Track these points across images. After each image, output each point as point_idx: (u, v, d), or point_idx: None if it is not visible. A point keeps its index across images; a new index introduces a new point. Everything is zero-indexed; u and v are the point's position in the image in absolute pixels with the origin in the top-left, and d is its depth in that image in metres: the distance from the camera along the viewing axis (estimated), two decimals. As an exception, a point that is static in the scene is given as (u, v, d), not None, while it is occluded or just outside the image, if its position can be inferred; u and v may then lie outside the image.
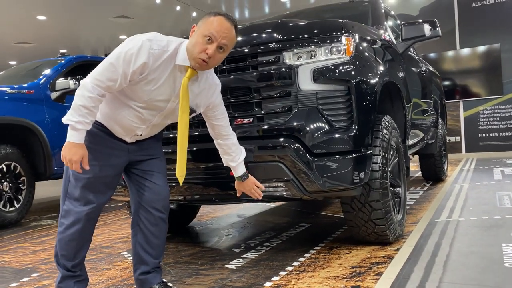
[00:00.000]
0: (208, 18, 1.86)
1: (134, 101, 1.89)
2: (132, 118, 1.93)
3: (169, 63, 1.84)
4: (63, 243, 1.95)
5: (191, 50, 1.82)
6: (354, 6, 4.04)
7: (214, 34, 1.81)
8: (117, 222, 4.18)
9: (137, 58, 1.76)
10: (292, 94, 2.31)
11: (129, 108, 1.91)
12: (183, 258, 2.76)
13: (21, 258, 3.06)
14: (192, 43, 1.83)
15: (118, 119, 1.93)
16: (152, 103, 1.90)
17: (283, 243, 2.92)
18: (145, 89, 1.84)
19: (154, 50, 1.79)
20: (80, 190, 1.91)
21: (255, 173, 2.29)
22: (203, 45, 1.80)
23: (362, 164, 2.35)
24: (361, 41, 2.55)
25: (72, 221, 1.92)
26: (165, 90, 1.88)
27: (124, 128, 1.95)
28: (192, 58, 1.83)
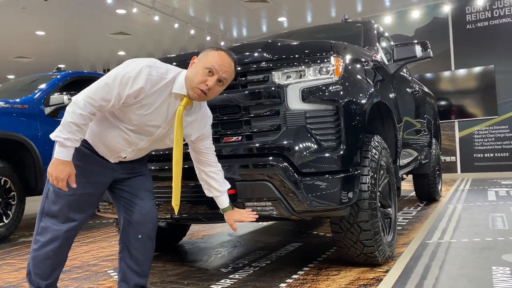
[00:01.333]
0: (210, 52, 1.90)
1: (125, 123, 1.89)
2: (119, 140, 1.92)
3: (165, 90, 1.85)
4: (37, 261, 1.91)
5: (191, 80, 1.86)
6: (347, 26, 4.09)
7: (215, 67, 1.85)
8: (106, 239, 4.13)
9: (134, 82, 1.78)
10: (281, 113, 2.31)
11: (117, 130, 1.91)
12: (169, 277, 2.71)
13: (5, 275, 3.00)
14: (192, 74, 1.87)
15: (105, 140, 1.92)
16: (142, 127, 1.90)
17: (272, 263, 2.88)
18: (137, 112, 1.85)
19: (152, 77, 1.80)
20: (60, 207, 1.89)
21: (243, 192, 2.28)
22: (203, 77, 1.85)
23: (350, 184, 2.34)
24: (351, 62, 2.56)
25: (49, 238, 1.89)
26: (157, 116, 1.88)
27: (110, 149, 1.95)
28: (191, 88, 1.86)
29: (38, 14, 10.83)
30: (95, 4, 10.28)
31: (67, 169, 1.78)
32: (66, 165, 1.78)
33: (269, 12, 11.86)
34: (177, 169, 1.96)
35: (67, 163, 1.78)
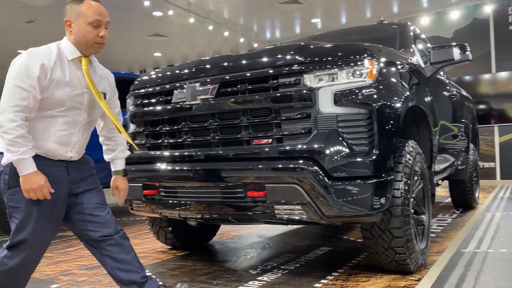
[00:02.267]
0: (79, 8, 1.95)
1: (57, 108, 1.90)
2: (62, 126, 1.92)
3: (62, 61, 1.92)
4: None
5: (84, 41, 1.94)
6: (382, 28, 4.02)
7: (98, 18, 1.95)
8: (139, 236, 4.23)
9: (32, 65, 1.81)
10: (312, 116, 2.29)
11: (55, 119, 1.91)
12: (199, 277, 2.75)
13: (43, 268, 3.13)
14: (81, 34, 1.94)
15: (51, 136, 1.91)
16: (72, 101, 1.92)
17: (301, 267, 2.87)
18: (59, 90, 1.88)
19: (39, 52, 1.87)
20: (30, 232, 1.88)
21: (272, 194, 2.28)
22: (93, 32, 1.94)
23: (382, 189, 2.29)
24: (385, 65, 2.52)
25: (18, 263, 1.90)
26: (74, 84, 1.93)
27: (60, 142, 1.92)
28: (88, 47, 1.96)
29: (79, 16, 11.18)
30: (133, 7, 10.55)
31: (40, 176, 1.80)
32: (36, 174, 1.80)
33: (303, 14, 11.79)
34: (112, 117, 2.04)
35: (36, 172, 1.80)
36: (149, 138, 2.88)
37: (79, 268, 3.09)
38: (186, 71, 2.71)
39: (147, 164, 2.82)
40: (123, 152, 2.26)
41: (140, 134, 2.93)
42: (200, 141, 2.60)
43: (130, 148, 2.47)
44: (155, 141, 2.83)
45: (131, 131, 3.00)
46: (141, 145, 2.92)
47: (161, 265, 3.09)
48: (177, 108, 2.65)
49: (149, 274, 2.09)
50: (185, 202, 2.63)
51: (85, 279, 2.79)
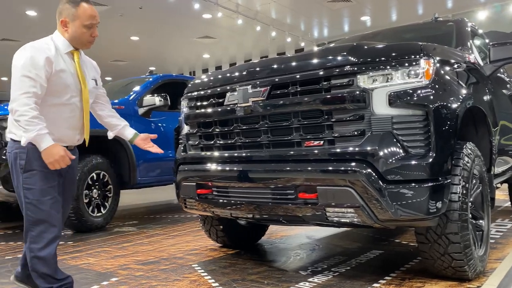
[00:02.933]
0: (76, 11, 2.19)
1: (64, 94, 2.16)
2: (70, 113, 2.20)
3: (58, 54, 2.17)
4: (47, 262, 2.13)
5: (79, 40, 2.22)
6: (437, 26, 3.88)
7: (93, 22, 2.22)
8: (190, 233, 4.35)
9: (37, 57, 2.06)
10: (366, 117, 2.26)
11: (64, 106, 2.18)
12: (250, 276, 2.79)
13: (103, 262, 3.30)
14: (77, 34, 2.20)
15: (63, 122, 2.19)
16: (74, 87, 2.20)
17: (352, 270, 2.84)
18: (63, 77, 2.14)
19: (41, 45, 2.13)
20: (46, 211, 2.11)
21: (324, 196, 2.28)
22: (87, 33, 2.22)
23: (439, 193, 2.23)
24: (442, 64, 2.44)
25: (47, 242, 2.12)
26: (72, 72, 2.20)
27: (70, 127, 2.23)
28: (82, 44, 2.24)
29: (134, 21, 11.71)
30: (184, 10, 10.85)
31: (60, 148, 2.06)
32: (56, 146, 2.05)
33: (352, 12, 11.61)
34: (86, 106, 2.27)
35: (55, 145, 2.05)
36: (202, 139, 2.96)
37: (135, 263, 3.23)
38: (238, 74, 2.76)
39: (200, 164, 2.90)
40: (124, 121, 2.55)
41: (194, 135, 3.02)
42: (252, 142, 2.65)
43: None
44: (207, 142, 2.91)
45: (185, 132, 3.10)
46: (195, 146, 3.01)
47: (212, 262, 3.17)
48: (229, 110, 2.71)
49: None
50: (237, 202, 2.69)
51: (141, 274, 2.92)
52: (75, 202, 4.36)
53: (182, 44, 14.04)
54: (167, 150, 5.40)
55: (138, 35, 13.07)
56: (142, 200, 7.90)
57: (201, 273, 2.88)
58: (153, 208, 6.86)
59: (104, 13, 10.98)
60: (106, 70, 17.45)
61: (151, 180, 5.35)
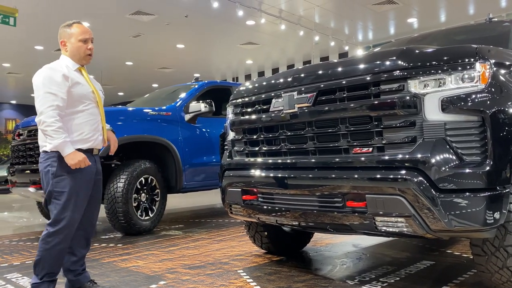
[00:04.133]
0: (70, 30, 2.61)
1: (82, 103, 2.53)
2: (90, 117, 2.56)
3: (70, 71, 2.54)
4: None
5: (78, 54, 2.60)
6: (491, 27, 3.70)
7: (86, 36, 2.62)
8: (235, 238, 4.38)
9: (55, 75, 2.45)
10: (417, 124, 2.19)
11: (84, 113, 2.54)
12: (295, 284, 2.77)
13: (151, 265, 3.39)
14: (75, 50, 2.60)
15: (88, 124, 2.54)
16: (89, 96, 2.57)
17: (401, 281, 2.74)
18: (79, 88, 2.52)
19: (56, 66, 2.52)
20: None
21: (373, 205, 2.22)
22: (83, 47, 2.60)
23: (497, 203, 2.10)
24: (498, 67, 2.31)
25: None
26: (85, 83, 2.59)
27: (93, 129, 2.57)
28: (81, 58, 2.61)
29: (179, 29, 12.03)
30: (227, 17, 11.02)
31: (80, 154, 2.42)
32: (76, 153, 2.41)
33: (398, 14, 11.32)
34: (102, 110, 2.65)
35: (75, 151, 2.41)
36: (248, 145, 2.97)
37: (182, 267, 3.30)
38: (283, 80, 2.76)
39: (246, 170, 2.92)
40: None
41: (239, 141, 3.04)
42: (297, 149, 2.63)
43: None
44: (253, 148, 2.92)
45: (230, 138, 3.13)
46: (240, 152, 3.03)
47: (258, 269, 3.18)
48: (275, 116, 2.71)
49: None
50: (282, 209, 2.67)
51: (188, 278, 2.97)
52: (124, 206, 4.52)
53: (226, 50, 14.25)
54: (212, 156, 5.50)
55: (183, 43, 13.40)
56: (186, 204, 8.06)
57: (247, 279, 2.89)
58: (197, 212, 6.99)
59: (152, 23, 11.36)
60: (153, 77, 18.03)
61: (197, 184, 5.45)
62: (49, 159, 2.45)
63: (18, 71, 16.68)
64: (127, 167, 4.69)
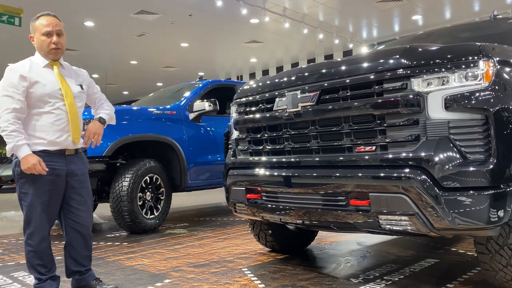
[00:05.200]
0: (36, 23, 2.49)
1: (47, 101, 2.42)
2: (56, 117, 2.44)
3: (38, 68, 2.46)
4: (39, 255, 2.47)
5: (41, 49, 2.48)
6: (496, 24, 3.68)
7: (48, 29, 2.46)
8: (240, 237, 4.39)
9: (12, 77, 2.37)
10: (420, 122, 2.19)
11: (49, 112, 2.43)
12: (300, 282, 2.78)
13: (157, 263, 3.42)
14: (38, 45, 2.48)
15: (52, 126, 2.42)
16: (56, 94, 2.44)
17: (406, 279, 2.75)
18: (41, 88, 2.41)
19: (16, 66, 2.43)
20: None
21: (376, 203, 2.22)
22: (46, 41, 2.46)
23: (501, 201, 2.10)
24: (502, 65, 2.30)
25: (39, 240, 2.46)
26: (51, 81, 2.46)
27: (60, 129, 2.44)
28: (46, 54, 2.48)
29: (183, 28, 12.05)
30: (231, 16, 11.02)
31: (34, 157, 2.32)
32: (30, 156, 2.32)
33: (403, 11, 11.27)
34: (71, 109, 2.48)
35: (30, 155, 2.32)
36: (251, 144, 2.99)
37: (187, 265, 3.32)
38: (286, 79, 2.77)
39: (250, 169, 2.93)
40: (106, 111, 2.75)
41: (243, 140, 3.06)
42: (301, 147, 2.64)
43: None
44: (257, 147, 2.93)
45: (234, 137, 3.14)
46: (244, 151, 3.04)
47: (262, 267, 3.19)
48: (278, 115, 2.71)
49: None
50: (286, 207, 2.69)
51: (193, 276, 2.99)
52: (129, 205, 4.55)
53: (230, 49, 14.26)
54: (216, 154, 5.51)
55: (187, 42, 13.43)
56: (191, 202, 8.09)
57: (251, 278, 2.91)
58: (202, 210, 7.01)
59: (156, 22, 11.38)
60: (157, 76, 18.07)
61: (201, 183, 5.47)
62: (16, 159, 2.41)
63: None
64: (132, 166, 4.72)
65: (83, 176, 2.59)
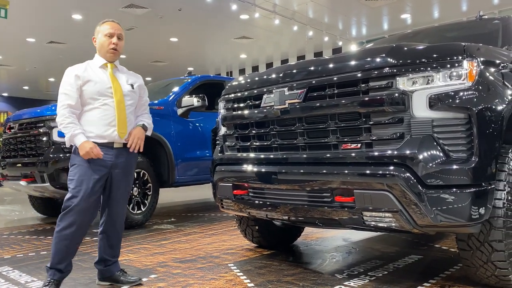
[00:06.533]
0: (101, 26, 2.74)
1: (97, 98, 2.62)
2: (103, 112, 2.62)
3: (93, 68, 2.69)
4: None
5: (102, 48, 2.71)
6: (481, 24, 3.73)
7: (111, 31, 2.71)
8: (227, 233, 4.41)
9: (69, 77, 2.62)
10: (405, 120, 2.22)
11: (98, 108, 2.63)
12: (285, 277, 2.80)
13: (143, 258, 3.41)
14: (100, 45, 2.72)
15: (100, 120, 2.61)
16: (103, 91, 2.64)
17: (389, 275, 2.79)
18: (92, 87, 2.62)
19: (73, 67, 2.66)
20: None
21: (361, 200, 2.25)
22: (107, 41, 2.70)
23: (482, 199, 2.15)
24: (486, 65, 2.35)
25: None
26: (103, 80, 2.66)
27: (107, 123, 2.61)
28: (105, 53, 2.71)
29: (173, 22, 11.96)
30: (221, 11, 10.97)
31: (90, 143, 2.55)
32: (86, 142, 2.54)
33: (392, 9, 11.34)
34: (119, 106, 2.66)
35: (86, 141, 2.54)
36: (239, 140, 2.99)
37: (173, 260, 3.32)
38: (274, 76, 2.78)
39: (237, 165, 2.94)
40: (148, 120, 2.91)
41: (230, 136, 3.06)
42: (288, 144, 2.65)
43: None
44: (244, 143, 2.94)
45: (222, 133, 3.15)
46: (231, 147, 3.05)
47: (248, 262, 3.21)
48: (266, 112, 2.72)
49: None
50: (272, 204, 2.70)
51: (179, 272, 2.99)
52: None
53: (220, 44, 14.21)
54: (204, 150, 5.51)
55: (177, 37, 13.34)
56: (179, 198, 8.08)
57: (237, 273, 2.92)
58: (190, 206, 7.01)
59: (145, 16, 11.28)
60: (146, 71, 17.91)
61: (189, 179, 5.46)
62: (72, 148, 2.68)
63: (9, 64, 16.53)
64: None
65: (126, 170, 2.75)
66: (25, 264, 3.35)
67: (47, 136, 4.66)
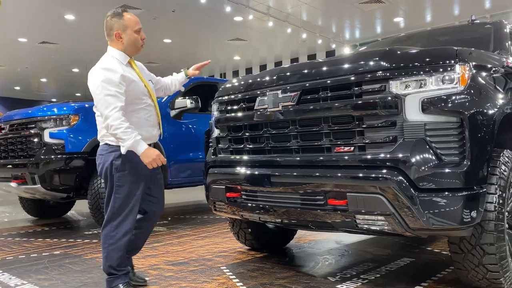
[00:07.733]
0: (125, 21, 2.52)
1: (141, 98, 2.52)
2: (147, 113, 2.55)
3: (125, 68, 2.49)
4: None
5: (134, 45, 2.55)
6: (473, 28, 3.77)
7: (139, 26, 2.57)
8: (219, 235, 4.39)
9: (113, 76, 2.39)
10: (398, 124, 2.23)
11: (144, 109, 2.53)
12: (278, 280, 2.80)
13: (134, 261, 3.35)
14: (131, 41, 2.53)
15: (146, 122, 2.54)
16: (144, 91, 2.55)
17: (382, 278, 2.79)
18: (135, 86, 2.49)
19: (111, 66, 2.43)
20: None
21: (353, 203, 2.25)
22: (138, 37, 2.56)
23: (474, 202, 2.16)
24: (478, 69, 2.37)
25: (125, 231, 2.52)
26: (139, 79, 2.55)
27: (151, 125, 2.57)
28: (136, 49, 2.58)
29: (167, 23, 11.93)
30: (215, 13, 10.97)
31: (153, 149, 2.40)
32: (150, 148, 2.39)
33: (385, 13, 11.41)
34: (156, 104, 2.61)
35: (149, 148, 2.39)
36: (232, 142, 2.98)
37: (166, 263, 3.30)
38: (268, 79, 2.77)
39: (230, 168, 2.93)
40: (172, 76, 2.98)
41: (224, 138, 3.05)
42: (281, 147, 2.65)
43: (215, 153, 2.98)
44: (237, 146, 2.93)
45: (215, 135, 3.13)
46: (225, 149, 3.04)
47: (241, 265, 3.20)
48: (259, 114, 2.72)
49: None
50: (265, 206, 2.70)
51: (171, 275, 2.98)
52: (108, 202, 4.48)
53: (213, 46, 14.20)
54: (197, 152, 5.49)
55: (170, 38, 13.31)
56: (172, 200, 8.04)
57: (229, 276, 2.91)
58: (182, 208, 6.97)
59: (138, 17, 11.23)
60: (139, 72, 17.81)
61: (182, 181, 5.43)
62: (113, 153, 2.45)
63: (1, 64, 16.37)
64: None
65: (159, 170, 2.70)
66: (15, 266, 3.31)
67: (39, 137, 4.61)
